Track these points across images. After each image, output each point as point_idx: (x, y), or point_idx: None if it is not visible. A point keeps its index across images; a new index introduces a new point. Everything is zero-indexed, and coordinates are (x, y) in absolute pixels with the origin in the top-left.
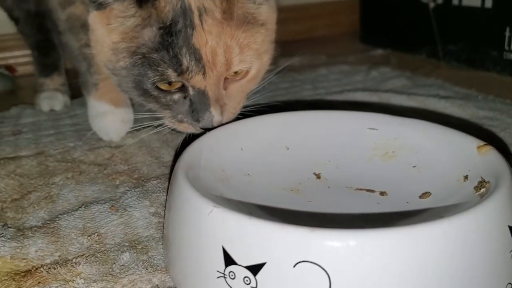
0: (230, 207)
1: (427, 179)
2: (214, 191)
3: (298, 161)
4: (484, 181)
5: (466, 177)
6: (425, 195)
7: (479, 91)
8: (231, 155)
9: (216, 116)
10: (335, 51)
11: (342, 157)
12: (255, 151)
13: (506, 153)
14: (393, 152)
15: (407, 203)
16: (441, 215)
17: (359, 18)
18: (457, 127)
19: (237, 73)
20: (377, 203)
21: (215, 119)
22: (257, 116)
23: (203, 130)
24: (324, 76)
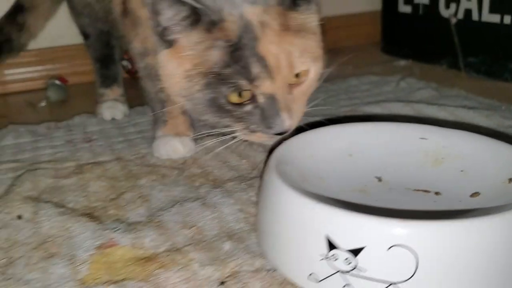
0: (326, 203)
1: (475, 182)
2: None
3: (361, 166)
4: None
5: (510, 180)
6: (475, 194)
7: (500, 101)
8: (304, 161)
9: (287, 119)
10: (359, 61)
11: (399, 163)
12: (323, 157)
13: None
14: (442, 158)
15: (460, 201)
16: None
17: (381, 29)
18: (490, 135)
19: (298, 76)
20: (433, 201)
21: (286, 123)
22: (322, 127)
23: (276, 135)
24: (355, 86)
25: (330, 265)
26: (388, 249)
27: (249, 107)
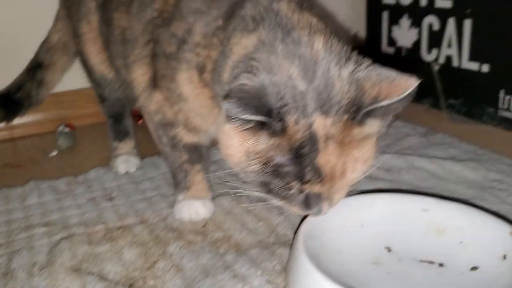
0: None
1: (473, 254)
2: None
3: (372, 237)
4: None
5: (504, 257)
6: (474, 268)
7: (482, 146)
8: (326, 235)
9: (326, 208)
10: None
11: (405, 233)
12: (340, 230)
13: None
14: (443, 229)
15: (461, 274)
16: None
17: None
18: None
19: None
20: (438, 273)
21: (324, 210)
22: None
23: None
24: None
25: None
26: None
27: (295, 191)
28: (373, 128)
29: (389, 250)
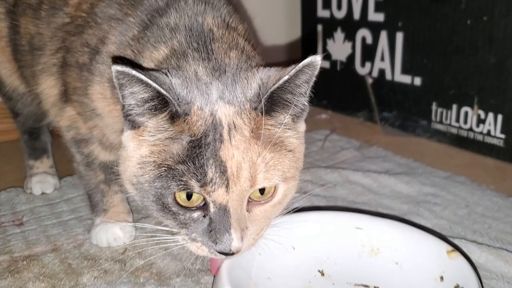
0: None
1: (410, 276)
2: None
3: (304, 260)
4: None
5: (442, 278)
6: None
7: (416, 159)
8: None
9: (236, 240)
10: None
11: (338, 254)
12: (269, 254)
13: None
14: (377, 249)
15: None
16: None
17: None
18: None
19: (263, 195)
20: None
21: (234, 243)
22: None
23: (218, 254)
24: None
25: None
26: None
27: (197, 214)
28: (290, 132)
29: (322, 274)
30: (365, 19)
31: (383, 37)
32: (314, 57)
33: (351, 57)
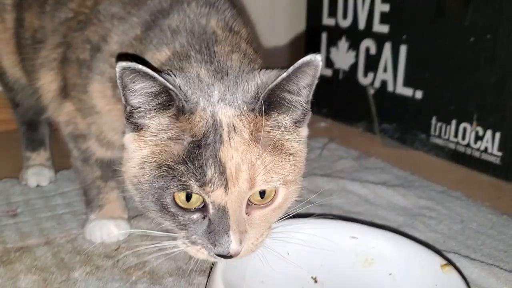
0: None
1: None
2: None
3: (298, 266)
4: None
5: None
6: None
7: (413, 172)
8: (246, 264)
9: (234, 243)
10: None
11: (332, 262)
12: (262, 258)
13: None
14: (372, 259)
15: None
16: None
17: None
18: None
19: (263, 198)
20: None
21: (232, 246)
22: None
23: (217, 257)
24: None
25: None
26: None
27: (196, 215)
28: (290, 136)
29: (315, 281)
30: (370, 30)
31: (387, 48)
32: (314, 55)
33: (354, 66)
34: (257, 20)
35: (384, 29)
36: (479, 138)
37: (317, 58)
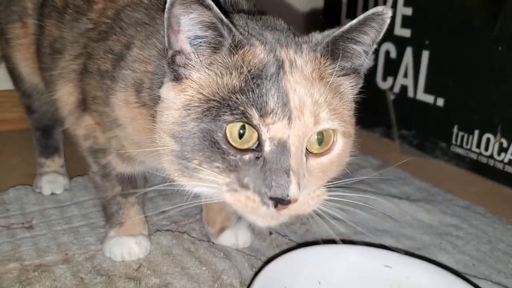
0: None
1: None
2: None
3: None
4: None
5: None
6: None
7: (434, 183)
8: None
9: (294, 184)
10: None
11: None
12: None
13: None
14: None
15: None
16: None
17: None
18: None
19: (321, 145)
20: None
21: (292, 187)
22: (289, 253)
23: (270, 204)
24: None
25: None
26: None
27: (249, 156)
28: (347, 84)
29: None
30: (391, 33)
31: (408, 53)
32: (383, 8)
33: (373, 69)
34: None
35: (406, 33)
36: (503, 150)
37: (387, 12)
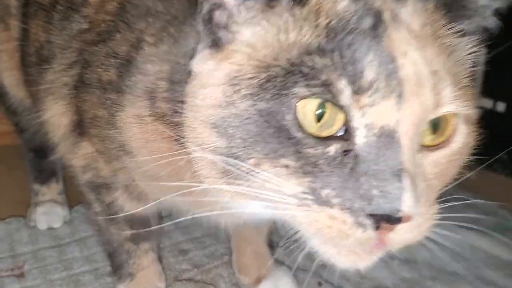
0: None
1: None
2: None
3: None
4: None
5: None
6: None
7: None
8: None
9: (409, 194)
10: None
11: None
12: None
13: None
14: None
15: None
16: None
17: None
18: None
19: (436, 132)
20: None
21: (406, 198)
22: None
23: (368, 226)
24: None
25: None
26: None
27: (333, 148)
28: (467, 49)
29: None
30: None
31: None
32: None
33: None
34: None
35: None
36: None
37: None
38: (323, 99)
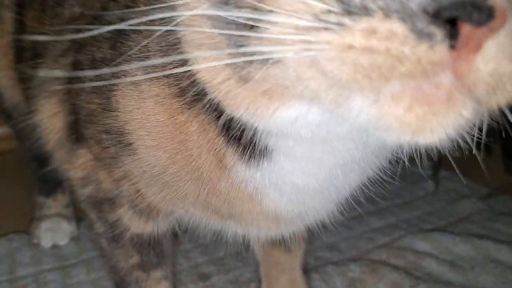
0: None
1: None
2: None
3: None
4: None
5: None
6: None
7: None
8: None
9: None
10: None
11: None
12: None
13: None
14: None
15: None
16: None
17: None
18: None
19: None
20: None
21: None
22: None
23: (437, 38)
24: None
25: None
26: None
27: None
28: None
29: None
30: None
31: None
32: None
33: None
34: None
35: None
36: None
37: None
38: None
